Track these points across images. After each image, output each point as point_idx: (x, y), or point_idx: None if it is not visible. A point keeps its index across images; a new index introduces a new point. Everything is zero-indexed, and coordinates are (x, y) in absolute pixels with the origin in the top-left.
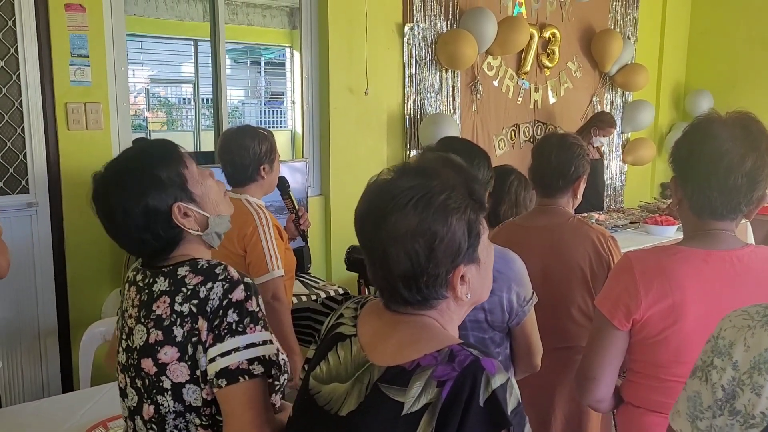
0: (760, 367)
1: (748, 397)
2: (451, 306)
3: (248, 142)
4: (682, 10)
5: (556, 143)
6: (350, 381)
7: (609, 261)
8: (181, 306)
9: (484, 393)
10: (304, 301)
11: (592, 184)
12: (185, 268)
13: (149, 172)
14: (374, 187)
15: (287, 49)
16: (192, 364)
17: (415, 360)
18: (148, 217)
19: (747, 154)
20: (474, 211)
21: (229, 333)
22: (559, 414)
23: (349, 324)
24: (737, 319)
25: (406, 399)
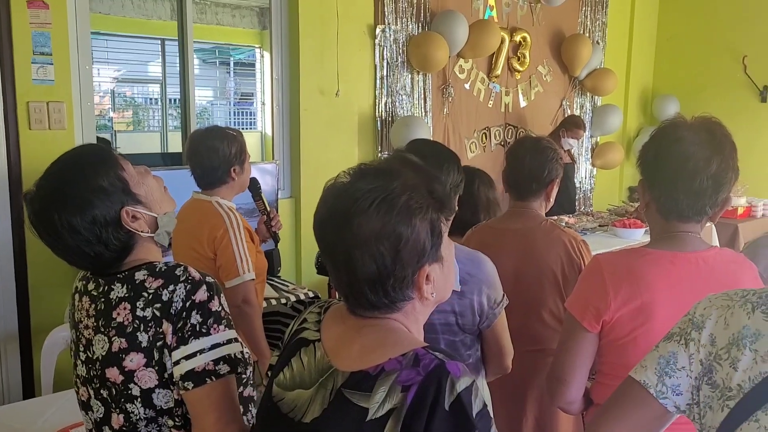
0: (738, 343)
1: (726, 371)
2: (417, 306)
3: (217, 144)
4: (650, 17)
5: (530, 147)
6: (314, 387)
7: (580, 264)
8: (144, 311)
9: (449, 397)
10: (274, 305)
11: (564, 188)
12: (143, 272)
13: (89, 182)
14: (333, 191)
15: (257, 50)
16: (160, 368)
17: (380, 365)
18: (98, 229)
19: (712, 157)
20: (435, 210)
21: (192, 335)
22: (530, 416)
23: (312, 329)
24: (717, 300)
25: (371, 405)
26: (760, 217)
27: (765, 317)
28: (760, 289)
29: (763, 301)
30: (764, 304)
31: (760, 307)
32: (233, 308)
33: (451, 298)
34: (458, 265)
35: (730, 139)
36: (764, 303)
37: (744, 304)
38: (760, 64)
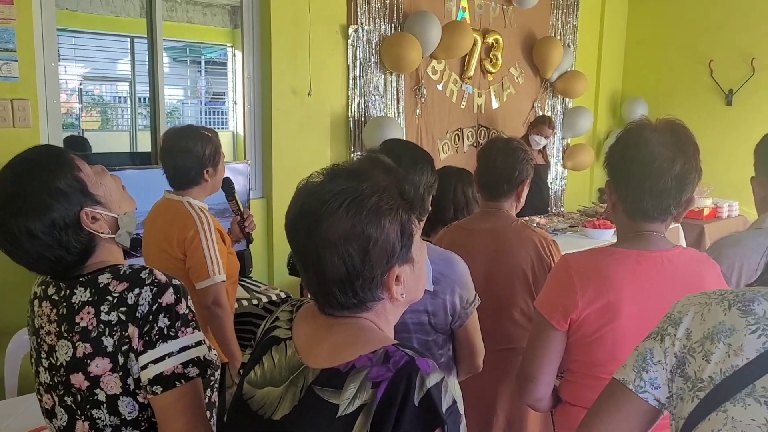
0: (713, 337)
1: (699, 364)
2: (387, 307)
3: (191, 144)
4: (619, 21)
5: (501, 147)
6: (284, 385)
7: (550, 264)
8: (108, 315)
9: (418, 393)
10: (245, 306)
11: (536, 189)
12: (107, 276)
13: (46, 185)
14: (304, 191)
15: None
16: (123, 374)
17: (350, 362)
18: (58, 233)
19: (676, 158)
20: (406, 212)
21: (160, 338)
22: (500, 414)
23: (284, 327)
24: (695, 298)
25: (341, 401)
26: (725, 218)
27: (741, 314)
28: (738, 290)
29: (740, 299)
30: (740, 302)
31: (737, 305)
32: (204, 310)
33: (424, 298)
34: (431, 265)
35: (693, 141)
36: (740, 301)
37: (721, 302)
38: (726, 68)
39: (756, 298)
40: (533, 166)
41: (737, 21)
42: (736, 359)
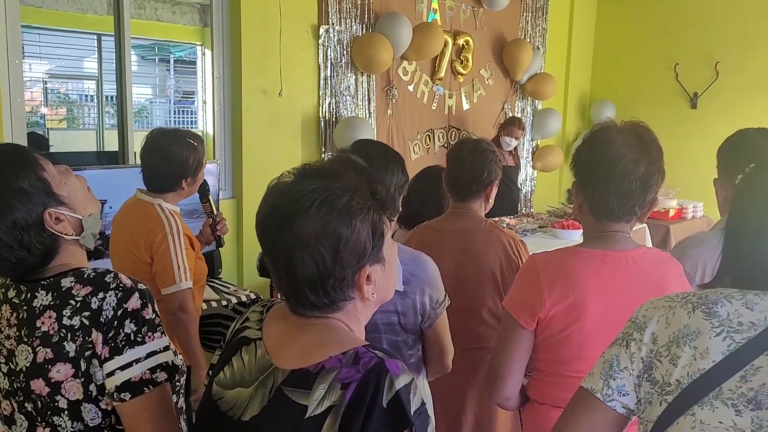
0: (679, 341)
1: (666, 368)
2: (358, 306)
3: (176, 151)
4: (587, 25)
5: (470, 149)
6: (254, 385)
7: (519, 264)
8: (71, 319)
9: (387, 394)
10: (214, 307)
11: (507, 190)
12: (70, 279)
13: (8, 184)
14: (276, 191)
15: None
16: (86, 380)
17: (320, 362)
18: (19, 233)
19: (640, 159)
20: (377, 212)
21: (127, 344)
22: (469, 413)
23: (254, 327)
24: (659, 302)
25: (310, 402)
26: (690, 218)
27: (705, 316)
28: (700, 291)
29: (703, 301)
30: (704, 304)
31: (700, 307)
32: (169, 315)
33: (394, 298)
34: (401, 266)
35: (656, 143)
36: (704, 303)
37: (685, 305)
38: (691, 72)
39: (719, 300)
40: (502, 167)
41: (702, 26)
42: (703, 362)
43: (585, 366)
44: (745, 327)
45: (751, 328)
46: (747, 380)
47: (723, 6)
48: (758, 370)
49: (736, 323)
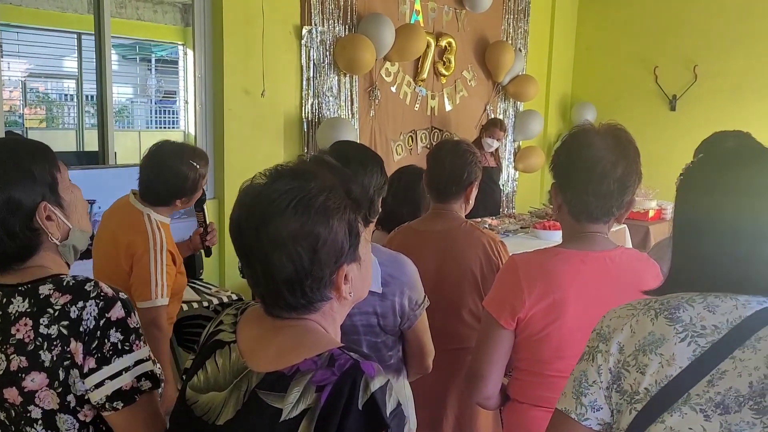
0: (645, 349)
1: (634, 377)
2: (335, 306)
3: (176, 170)
4: (569, 27)
5: (450, 150)
6: (228, 389)
7: (499, 264)
8: (48, 328)
9: (362, 396)
10: (195, 308)
11: (489, 191)
12: (48, 286)
13: (19, 164)
14: (250, 192)
15: (180, 47)
16: (63, 390)
17: (295, 365)
18: (7, 211)
19: (618, 161)
20: (353, 211)
21: (115, 353)
22: (450, 413)
23: (228, 331)
24: (621, 311)
25: (285, 405)
26: (669, 219)
27: (668, 322)
28: (662, 297)
29: (665, 307)
30: (666, 310)
31: (663, 313)
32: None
33: (374, 300)
34: (380, 267)
35: (633, 145)
36: (666, 309)
37: (647, 311)
38: (670, 74)
39: (681, 305)
40: (482, 168)
41: (681, 29)
42: (670, 369)
43: (564, 365)
44: (709, 331)
45: (715, 332)
46: (714, 385)
47: (701, 10)
48: (724, 374)
49: (699, 327)
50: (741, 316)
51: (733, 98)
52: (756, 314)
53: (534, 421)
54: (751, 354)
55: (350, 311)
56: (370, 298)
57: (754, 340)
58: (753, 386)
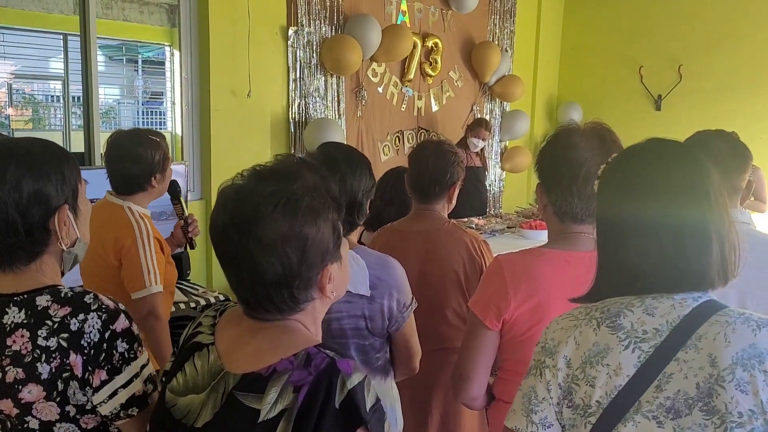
0: (591, 361)
1: (585, 390)
2: (317, 306)
3: (141, 151)
4: (554, 28)
5: (432, 151)
6: (206, 391)
7: (482, 264)
8: (47, 340)
9: (339, 395)
10: (183, 309)
11: (476, 191)
12: (46, 297)
13: (56, 162)
14: (232, 195)
15: (167, 48)
16: (61, 401)
17: (271, 365)
18: (36, 202)
19: (603, 162)
20: (335, 210)
21: (125, 362)
22: (435, 413)
23: (207, 332)
24: (564, 321)
25: (263, 406)
26: None
27: (610, 331)
28: (600, 304)
29: (606, 315)
30: (608, 319)
31: (605, 322)
32: (139, 321)
33: (362, 303)
34: (368, 270)
35: (618, 145)
36: (607, 317)
37: (589, 321)
38: (655, 74)
39: (621, 312)
40: (464, 168)
41: (665, 29)
42: (618, 379)
43: None
44: (650, 335)
45: (656, 335)
46: (662, 390)
47: (686, 11)
48: (671, 378)
49: (641, 332)
50: (679, 316)
51: (717, 98)
52: (693, 311)
53: None
54: (694, 354)
55: (338, 314)
56: (358, 302)
57: (695, 339)
58: (700, 387)
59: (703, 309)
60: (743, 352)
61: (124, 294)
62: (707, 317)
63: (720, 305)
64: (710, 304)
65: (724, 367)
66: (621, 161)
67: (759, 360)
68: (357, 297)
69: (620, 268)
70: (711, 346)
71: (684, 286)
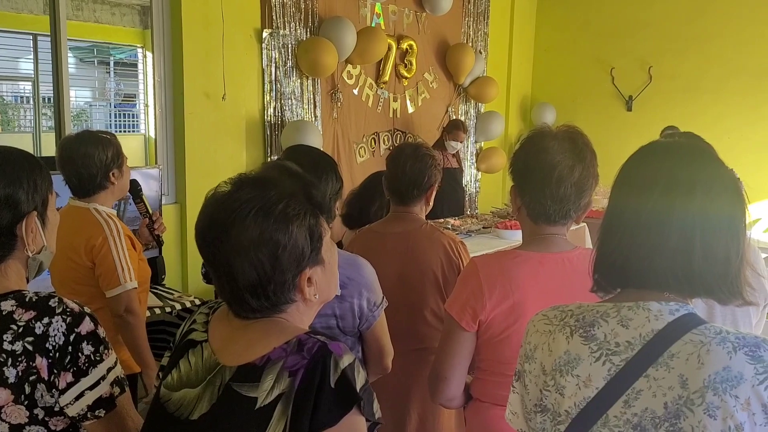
0: (561, 369)
1: (555, 397)
2: (301, 308)
3: (92, 150)
4: (527, 29)
5: (410, 154)
6: (201, 385)
7: (459, 265)
8: (12, 344)
9: (334, 375)
10: (158, 314)
11: (452, 192)
12: (10, 302)
13: (29, 170)
14: (213, 201)
15: (139, 50)
16: (29, 404)
17: (265, 355)
18: (6, 206)
19: (575, 165)
20: (314, 216)
21: (91, 365)
22: (413, 413)
23: (200, 330)
24: (540, 324)
25: (260, 393)
26: None
27: (583, 341)
28: (577, 309)
29: (581, 324)
30: (582, 328)
31: (578, 331)
32: (116, 318)
33: (332, 302)
34: (338, 270)
35: (590, 147)
36: (582, 327)
37: (563, 329)
38: (626, 76)
39: (596, 321)
40: (441, 171)
41: (636, 31)
42: (587, 390)
43: None
44: (622, 348)
45: (628, 348)
46: (630, 405)
47: (656, 13)
48: (639, 394)
49: (613, 344)
50: (653, 330)
51: (686, 98)
52: (668, 326)
53: (496, 420)
54: (664, 372)
55: None
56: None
57: (667, 357)
58: (668, 407)
59: (679, 325)
60: (716, 375)
61: (101, 294)
62: (681, 334)
63: (698, 321)
64: (686, 320)
65: (695, 390)
66: (635, 158)
67: (731, 384)
68: None
69: (617, 262)
70: (683, 367)
71: (672, 288)
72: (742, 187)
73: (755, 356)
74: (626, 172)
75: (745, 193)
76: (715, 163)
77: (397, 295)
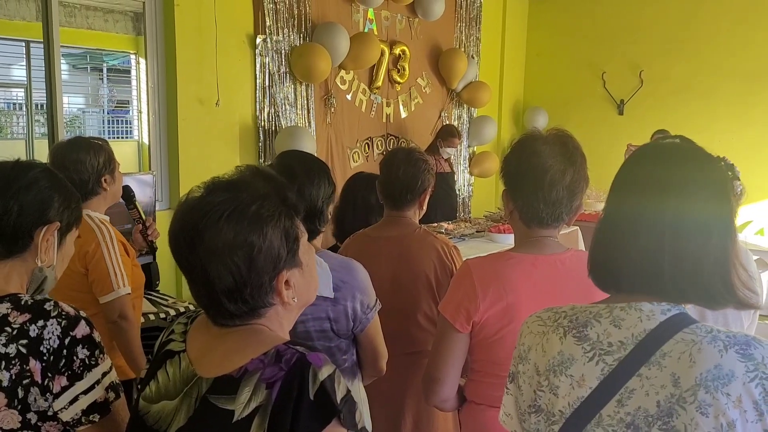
0: (555, 369)
1: (548, 397)
2: (280, 311)
3: (83, 156)
4: (519, 34)
5: (403, 158)
6: (179, 397)
7: (452, 268)
8: (6, 347)
9: (312, 387)
10: (152, 320)
11: (445, 196)
12: (6, 305)
13: (66, 193)
14: (185, 206)
15: (132, 56)
16: (23, 408)
17: (242, 366)
18: (36, 209)
19: (566, 169)
20: (289, 218)
21: (86, 369)
22: (408, 416)
23: (178, 340)
24: (533, 326)
25: (236, 406)
26: None
27: (576, 341)
28: (570, 310)
29: (574, 324)
30: (575, 328)
31: (572, 332)
32: (109, 324)
33: (326, 305)
34: (332, 273)
35: (580, 151)
36: (575, 327)
37: (556, 329)
38: (617, 80)
39: (589, 322)
40: (434, 175)
41: (627, 36)
42: (580, 390)
43: None
44: (615, 347)
45: (621, 348)
46: (623, 404)
47: (647, 17)
48: (632, 393)
49: (606, 344)
50: (645, 330)
51: (677, 102)
52: (660, 326)
53: (491, 422)
54: (657, 371)
55: (303, 317)
56: (322, 304)
57: (659, 356)
58: (660, 405)
59: (671, 324)
60: (707, 373)
61: (95, 301)
62: (673, 334)
63: (689, 320)
64: (678, 319)
65: (687, 388)
66: (630, 161)
67: (723, 382)
68: (321, 299)
69: (601, 262)
70: (675, 366)
71: (664, 294)
72: (737, 188)
73: (746, 354)
74: (616, 175)
75: (739, 193)
76: (695, 164)
77: (390, 299)
